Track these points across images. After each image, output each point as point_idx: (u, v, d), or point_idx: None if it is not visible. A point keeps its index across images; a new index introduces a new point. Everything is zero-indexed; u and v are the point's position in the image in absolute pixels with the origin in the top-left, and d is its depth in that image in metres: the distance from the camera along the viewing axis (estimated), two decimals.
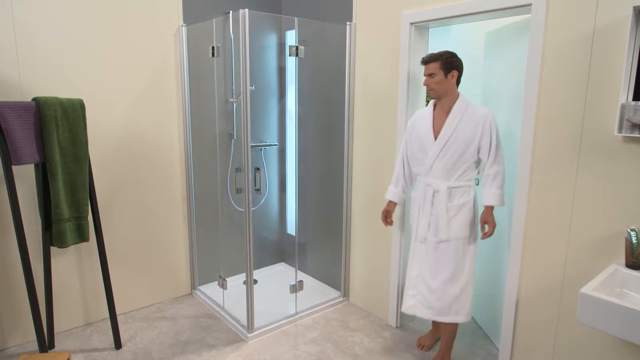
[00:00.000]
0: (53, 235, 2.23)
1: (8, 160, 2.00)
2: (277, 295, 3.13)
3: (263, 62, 3.29)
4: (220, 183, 3.18)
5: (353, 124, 2.84)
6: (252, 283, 2.57)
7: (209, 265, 3.25)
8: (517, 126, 2.20)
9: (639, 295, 1.62)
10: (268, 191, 3.50)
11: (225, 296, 2.97)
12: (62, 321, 2.64)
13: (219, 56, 2.95)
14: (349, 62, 2.77)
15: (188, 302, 3.05)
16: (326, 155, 3.06)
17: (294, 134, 3.15)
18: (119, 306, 2.84)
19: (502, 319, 2.21)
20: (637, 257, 1.65)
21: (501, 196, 2.12)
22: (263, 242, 3.58)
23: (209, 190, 3.15)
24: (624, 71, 1.63)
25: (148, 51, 2.73)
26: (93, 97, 2.57)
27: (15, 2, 2.24)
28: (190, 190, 3.05)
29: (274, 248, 3.67)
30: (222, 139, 3.15)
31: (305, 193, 3.32)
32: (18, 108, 2.02)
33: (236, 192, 3.26)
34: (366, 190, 2.82)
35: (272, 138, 3.46)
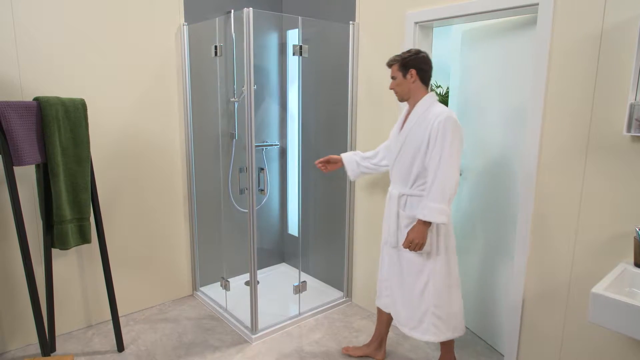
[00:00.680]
0: (55, 236, 2.20)
1: (9, 161, 1.97)
2: (280, 296, 3.11)
3: (264, 62, 3.27)
4: (222, 184, 3.15)
5: (356, 124, 2.83)
6: (256, 284, 2.55)
7: (211, 266, 3.23)
8: (507, 125, 2.20)
9: None
10: (269, 191, 3.48)
11: (227, 297, 2.95)
12: (63, 323, 2.61)
13: (222, 55, 2.93)
14: (352, 62, 2.75)
15: (190, 304, 3.03)
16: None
17: (296, 134, 3.13)
18: (120, 308, 2.81)
19: (506, 322, 2.20)
20: None
21: (437, 211, 1.85)
22: (264, 243, 3.56)
23: (211, 190, 3.12)
24: (633, 70, 1.63)
25: (149, 50, 2.71)
26: (93, 97, 2.54)
27: (15, 1, 2.21)
28: (191, 190, 3.02)
29: (276, 249, 3.66)
30: (224, 139, 3.12)
31: (307, 193, 3.30)
32: (19, 108, 1.99)
33: (240, 193, 3.24)
34: (369, 190, 2.81)
35: (273, 138, 3.44)
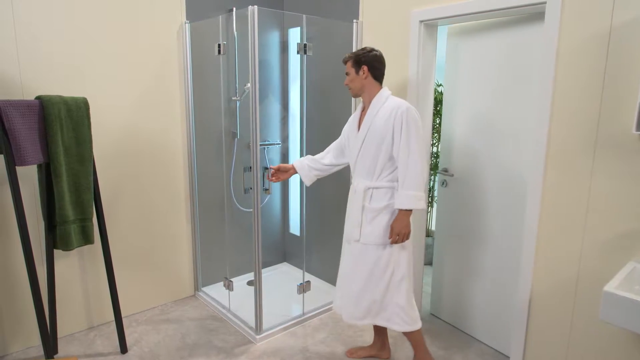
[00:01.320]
0: (57, 237, 2.16)
1: (12, 161, 1.93)
2: (283, 295, 3.10)
3: (265, 60, 3.25)
4: (224, 183, 3.13)
5: None
6: (260, 284, 2.54)
7: (212, 266, 3.20)
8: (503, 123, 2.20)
9: None
10: (271, 191, 3.46)
11: (230, 297, 2.93)
12: (64, 325, 2.57)
13: (225, 54, 2.90)
14: None
15: (192, 304, 3.00)
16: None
17: (298, 133, 3.11)
18: (122, 309, 2.78)
19: (513, 322, 2.21)
20: None
21: (415, 198, 1.92)
22: (266, 242, 3.54)
23: (213, 190, 3.10)
24: None
25: (150, 48, 2.67)
26: (94, 95, 2.50)
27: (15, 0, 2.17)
28: (193, 190, 3.00)
29: (277, 248, 3.64)
30: (225, 138, 3.10)
31: (309, 192, 3.29)
32: (22, 107, 1.95)
33: (245, 192, 3.22)
34: None
35: (275, 137, 3.42)
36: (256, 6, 2.23)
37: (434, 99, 2.68)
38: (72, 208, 2.18)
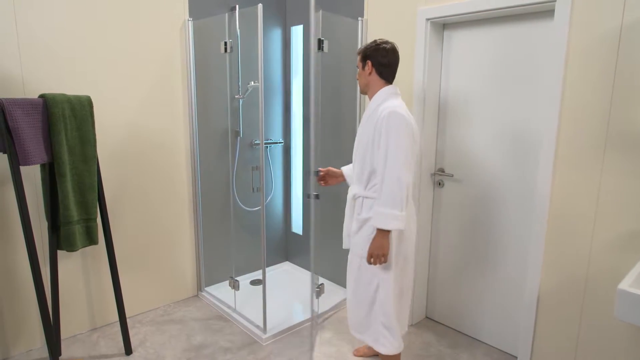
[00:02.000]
0: (61, 238, 2.13)
1: (16, 160, 1.89)
2: (285, 294, 3.09)
3: (268, 58, 3.22)
4: (227, 182, 3.10)
5: None
6: (265, 283, 2.52)
7: (216, 265, 3.18)
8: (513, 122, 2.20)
9: None
10: (273, 190, 3.44)
11: (236, 297, 2.91)
12: (67, 327, 2.54)
13: (232, 52, 2.88)
14: None
15: (195, 304, 2.98)
16: (335, 153, 3.02)
17: (300, 132, 3.09)
18: (125, 310, 2.75)
19: (520, 321, 2.20)
20: None
21: (389, 217, 1.70)
22: (268, 241, 3.52)
23: (216, 189, 3.07)
24: None
25: (153, 46, 2.64)
26: (96, 94, 2.47)
27: None
28: (196, 189, 2.97)
29: (279, 247, 3.62)
30: (229, 137, 3.07)
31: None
32: (25, 105, 1.91)
33: (253, 191, 3.19)
34: None
35: (277, 135, 3.39)
36: (260, 4, 2.21)
37: None
38: (77, 208, 2.14)
